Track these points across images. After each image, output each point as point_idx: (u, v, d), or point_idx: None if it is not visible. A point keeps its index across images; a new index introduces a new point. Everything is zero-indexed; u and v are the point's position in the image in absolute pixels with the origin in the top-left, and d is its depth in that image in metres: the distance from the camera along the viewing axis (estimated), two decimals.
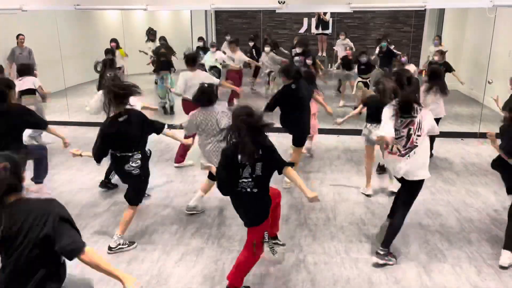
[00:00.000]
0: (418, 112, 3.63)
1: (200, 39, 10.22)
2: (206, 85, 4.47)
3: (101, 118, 4.21)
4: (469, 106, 8.47)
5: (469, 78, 8.31)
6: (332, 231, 4.33)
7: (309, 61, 8.04)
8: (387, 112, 3.65)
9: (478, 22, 9.16)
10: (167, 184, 5.48)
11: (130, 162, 3.89)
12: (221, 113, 4.33)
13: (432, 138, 6.03)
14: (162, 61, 8.52)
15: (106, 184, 5.25)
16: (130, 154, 3.89)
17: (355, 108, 8.35)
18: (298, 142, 5.28)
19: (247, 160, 3.01)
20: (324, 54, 11.57)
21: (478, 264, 3.77)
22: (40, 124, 4.72)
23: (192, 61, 5.82)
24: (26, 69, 6.33)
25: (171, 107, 8.71)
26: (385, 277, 3.59)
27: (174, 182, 5.55)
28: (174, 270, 3.70)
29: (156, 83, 9.20)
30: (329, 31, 11.40)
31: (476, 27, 9.39)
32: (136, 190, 4.06)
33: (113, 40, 8.95)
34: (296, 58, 8.32)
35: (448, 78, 8.51)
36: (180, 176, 5.67)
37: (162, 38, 9.93)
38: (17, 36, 8.39)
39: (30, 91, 6.23)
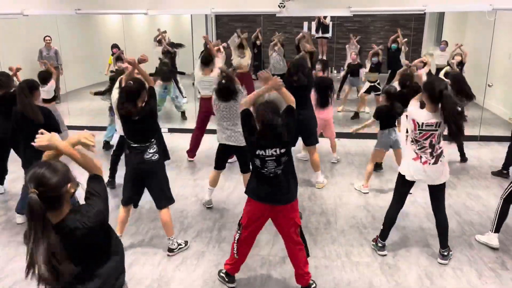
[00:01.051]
0: (440, 126, 3.52)
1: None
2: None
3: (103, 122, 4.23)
4: (469, 109, 8.45)
5: (469, 81, 8.31)
6: (333, 234, 4.33)
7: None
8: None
9: (478, 25, 9.18)
10: None
11: (149, 149, 3.78)
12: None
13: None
14: (163, 70, 8.20)
15: (111, 183, 5.35)
16: (147, 144, 3.79)
17: (356, 113, 8.42)
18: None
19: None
20: (325, 57, 11.59)
21: (479, 267, 3.77)
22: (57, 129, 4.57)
23: (205, 63, 5.91)
24: (47, 77, 6.23)
25: (183, 113, 8.52)
26: (386, 280, 3.59)
27: (175, 186, 5.53)
28: (175, 274, 3.70)
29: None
30: (329, 34, 11.43)
31: (476, 30, 9.40)
32: (163, 183, 3.93)
33: (115, 46, 8.90)
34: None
35: None
36: (180, 180, 5.68)
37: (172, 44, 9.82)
38: (44, 38, 8.93)
39: (48, 99, 6.22)
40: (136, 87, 3.68)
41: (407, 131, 3.94)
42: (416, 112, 3.55)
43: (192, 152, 6.40)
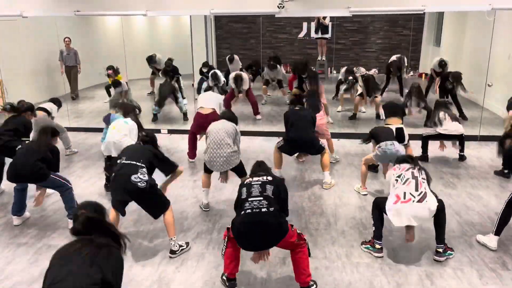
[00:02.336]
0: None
1: (205, 65, 9.79)
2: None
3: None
4: (469, 109, 8.45)
5: (469, 81, 8.30)
6: (333, 235, 4.32)
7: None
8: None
9: (478, 25, 9.17)
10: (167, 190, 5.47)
11: (138, 173, 3.77)
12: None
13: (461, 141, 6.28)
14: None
15: (107, 187, 5.33)
16: (139, 163, 3.84)
17: (354, 114, 8.41)
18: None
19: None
20: (324, 58, 11.60)
21: (480, 267, 3.75)
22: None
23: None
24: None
25: (185, 114, 8.46)
26: (386, 281, 3.58)
27: (174, 187, 5.53)
28: (175, 276, 3.69)
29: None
30: (328, 35, 11.43)
31: (476, 30, 9.40)
32: (154, 201, 3.94)
33: (110, 68, 8.91)
34: None
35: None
36: (180, 181, 5.66)
37: (169, 59, 9.82)
38: (64, 39, 9.38)
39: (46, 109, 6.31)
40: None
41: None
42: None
43: (191, 152, 6.40)
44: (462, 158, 6.36)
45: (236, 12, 7.30)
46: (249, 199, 3.20)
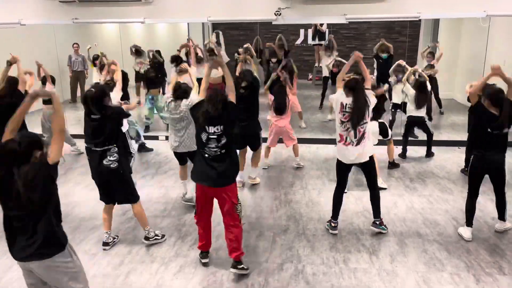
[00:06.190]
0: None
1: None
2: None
3: None
4: (465, 114, 8.46)
5: (464, 87, 8.36)
6: (330, 241, 4.33)
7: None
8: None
9: (473, 31, 9.24)
10: (165, 196, 5.48)
11: (108, 157, 3.94)
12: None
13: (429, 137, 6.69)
14: (149, 78, 8.11)
15: None
16: (106, 148, 3.96)
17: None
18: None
19: None
20: (321, 64, 11.64)
21: (477, 272, 3.77)
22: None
23: None
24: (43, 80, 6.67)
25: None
26: (384, 286, 3.59)
27: (172, 193, 5.56)
28: (173, 283, 3.69)
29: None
30: (325, 41, 11.49)
31: (471, 36, 9.47)
32: (125, 186, 4.12)
33: (97, 57, 8.97)
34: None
35: (444, 87, 8.59)
36: (178, 188, 5.67)
37: (158, 52, 9.84)
38: (72, 45, 9.72)
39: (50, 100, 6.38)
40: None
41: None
42: (342, 97, 4.20)
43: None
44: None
45: (233, 19, 7.34)
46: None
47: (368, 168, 4.37)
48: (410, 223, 4.68)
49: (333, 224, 4.49)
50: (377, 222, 4.44)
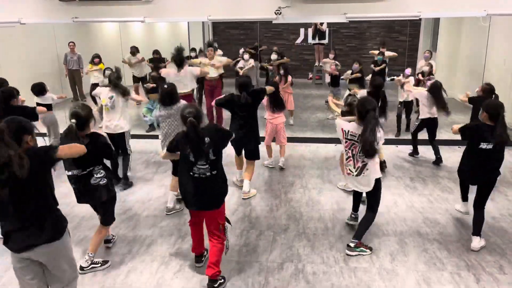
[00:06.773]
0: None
1: (193, 50, 9.99)
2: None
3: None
4: (465, 114, 8.48)
5: (465, 86, 8.36)
6: (330, 240, 4.33)
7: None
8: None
9: (473, 30, 9.25)
10: (165, 195, 5.48)
11: (95, 175, 3.68)
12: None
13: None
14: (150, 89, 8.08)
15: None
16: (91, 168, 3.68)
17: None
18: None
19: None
20: (321, 64, 11.64)
21: (477, 272, 3.77)
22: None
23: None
24: (41, 89, 6.48)
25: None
26: (384, 286, 3.59)
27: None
28: (173, 282, 3.69)
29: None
30: (325, 41, 11.50)
31: (471, 35, 9.47)
32: (108, 205, 3.89)
33: (97, 56, 9.22)
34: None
35: (444, 86, 8.58)
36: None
37: (155, 52, 9.86)
38: (68, 44, 9.63)
39: (49, 107, 6.41)
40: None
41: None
42: (344, 123, 4.03)
43: None
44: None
45: (234, 18, 7.33)
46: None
47: (370, 193, 4.10)
48: (410, 223, 4.68)
49: (353, 216, 4.62)
50: (352, 245, 4.08)
